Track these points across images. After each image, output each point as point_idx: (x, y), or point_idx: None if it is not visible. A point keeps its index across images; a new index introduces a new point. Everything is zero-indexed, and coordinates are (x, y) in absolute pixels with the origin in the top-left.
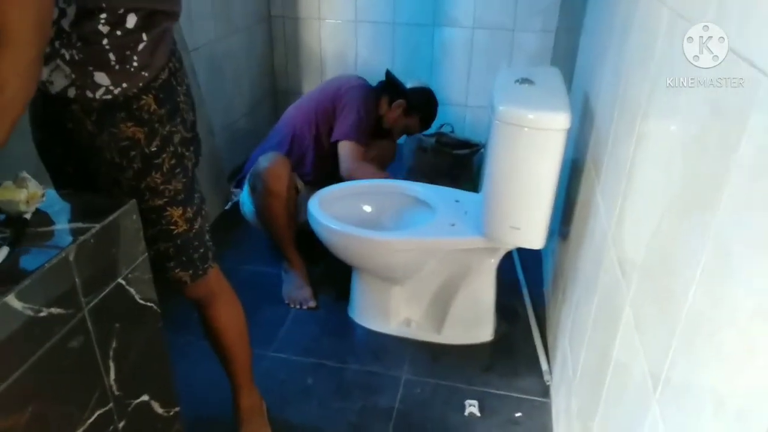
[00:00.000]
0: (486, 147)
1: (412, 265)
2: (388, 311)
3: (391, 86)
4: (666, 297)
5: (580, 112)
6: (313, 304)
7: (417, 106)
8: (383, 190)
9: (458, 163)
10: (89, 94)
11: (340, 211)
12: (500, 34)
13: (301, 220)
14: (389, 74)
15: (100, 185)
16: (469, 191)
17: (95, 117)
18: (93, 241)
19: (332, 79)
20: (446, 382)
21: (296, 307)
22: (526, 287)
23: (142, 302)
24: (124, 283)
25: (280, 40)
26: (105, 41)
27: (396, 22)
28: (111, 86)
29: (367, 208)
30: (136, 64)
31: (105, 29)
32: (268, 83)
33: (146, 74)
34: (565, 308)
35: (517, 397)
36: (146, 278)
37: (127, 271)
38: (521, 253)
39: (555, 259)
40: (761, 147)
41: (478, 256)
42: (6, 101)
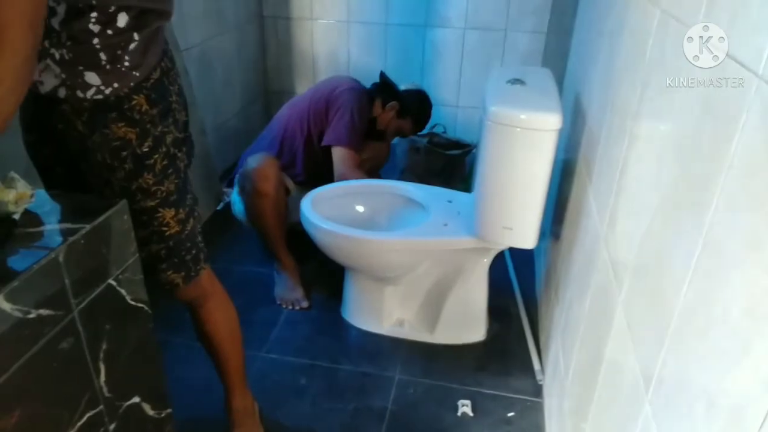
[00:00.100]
0: (478, 147)
1: (405, 266)
2: (381, 312)
3: (385, 88)
4: (658, 297)
5: (572, 112)
6: (305, 305)
7: (410, 108)
8: (376, 191)
9: (451, 164)
10: (80, 94)
11: (333, 211)
12: (492, 35)
13: (293, 221)
14: (383, 76)
15: (91, 186)
16: (461, 191)
17: (86, 117)
18: (83, 242)
19: (326, 79)
20: (439, 383)
21: (289, 308)
22: (519, 287)
23: (133, 303)
24: (115, 284)
25: (273, 41)
26: (95, 40)
27: (388, 23)
28: (102, 86)
29: (359, 209)
30: (127, 64)
31: (96, 28)
32: (260, 83)
33: (138, 74)
34: (558, 308)
35: (510, 396)
36: (137, 279)
37: (118, 272)
38: (513, 253)
39: (547, 259)
40: (752, 147)
41: (470, 256)
42: None
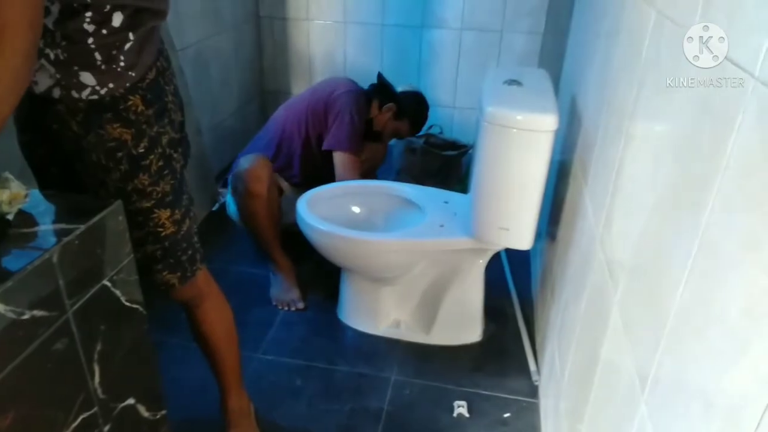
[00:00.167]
0: (474, 148)
1: (401, 266)
2: (377, 312)
3: (382, 89)
4: (654, 297)
5: (568, 113)
6: (301, 306)
7: (407, 109)
8: (372, 191)
9: (447, 165)
10: (75, 95)
11: (329, 212)
12: (488, 36)
13: (287, 221)
14: (381, 77)
15: (86, 186)
16: (457, 192)
17: (81, 118)
18: (77, 243)
19: (324, 81)
20: (435, 383)
21: (284, 309)
22: (515, 288)
23: (128, 304)
24: (110, 285)
25: (269, 41)
26: (90, 40)
27: (384, 24)
28: (97, 86)
29: (356, 209)
30: (122, 64)
31: (90, 28)
32: (257, 83)
33: (133, 74)
34: (554, 309)
35: (506, 397)
36: (132, 280)
37: (113, 272)
38: (509, 253)
39: (543, 259)
40: (748, 147)
41: (466, 257)
42: None
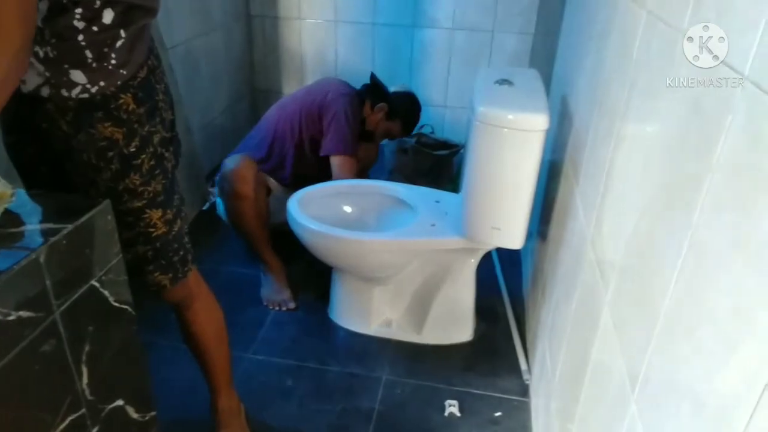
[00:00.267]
0: (466, 148)
1: (393, 266)
2: (369, 312)
3: (374, 89)
4: (644, 297)
5: (559, 113)
6: (292, 306)
7: (399, 110)
8: (364, 191)
9: (438, 164)
10: (65, 93)
11: (321, 211)
12: (479, 36)
13: (278, 221)
14: (373, 77)
15: (76, 186)
16: (449, 192)
17: (71, 117)
18: (65, 242)
19: (317, 82)
20: (426, 383)
21: (275, 309)
22: (506, 288)
23: (117, 305)
24: (98, 285)
25: (260, 39)
26: (81, 37)
27: (376, 23)
28: (88, 84)
29: (347, 209)
30: (114, 62)
31: (80, 25)
32: (247, 82)
33: (124, 72)
34: (545, 308)
35: (497, 396)
36: (121, 280)
37: (101, 272)
38: (500, 253)
39: (534, 259)
40: (738, 148)
41: (458, 257)
42: None
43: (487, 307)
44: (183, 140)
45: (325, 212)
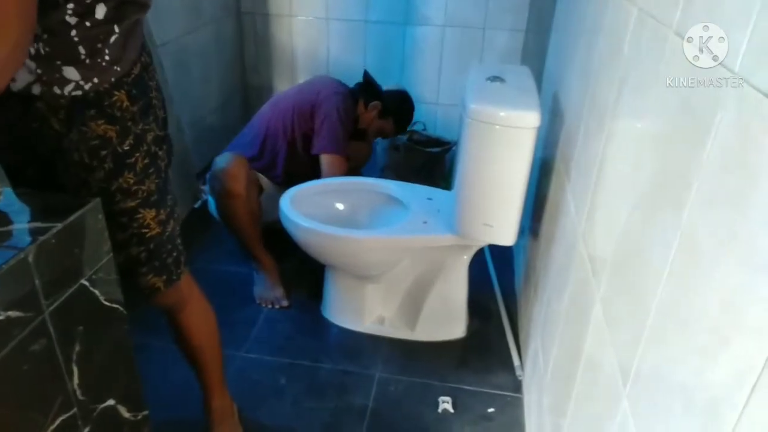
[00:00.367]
0: (458, 145)
1: (386, 263)
2: (362, 309)
3: (368, 87)
4: (636, 292)
5: (550, 110)
6: (285, 304)
7: (392, 108)
8: (356, 188)
9: (430, 161)
10: (57, 91)
11: (313, 209)
12: (471, 33)
13: (270, 219)
14: (367, 75)
15: (66, 187)
16: (441, 189)
17: (63, 115)
18: (54, 242)
19: (311, 80)
20: (420, 380)
21: (268, 307)
22: (498, 284)
23: (107, 304)
24: (88, 285)
25: (251, 36)
26: (73, 33)
27: (367, 20)
28: (81, 81)
29: (339, 206)
30: (107, 58)
31: (73, 20)
32: (238, 79)
33: (118, 69)
34: (537, 304)
35: (490, 392)
36: (111, 279)
37: (91, 272)
38: (493, 250)
39: (526, 255)
40: (727, 145)
41: (450, 253)
42: None
43: (480, 304)
44: (174, 138)
45: (318, 210)
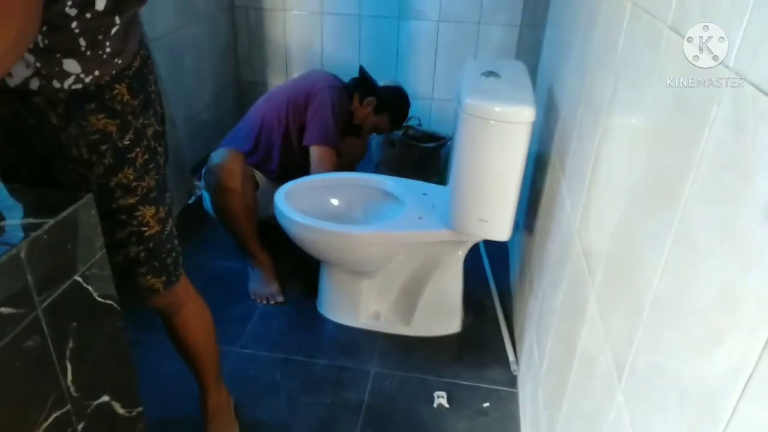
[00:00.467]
0: (453, 140)
1: (381, 259)
2: (357, 305)
3: (363, 83)
4: (630, 287)
5: (545, 105)
6: (280, 299)
7: (387, 104)
8: (351, 184)
9: (425, 156)
10: (56, 84)
11: (308, 204)
12: (465, 28)
13: (265, 215)
14: (362, 70)
15: (63, 185)
16: (436, 184)
17: (62, 109)
18: (47, 237)
19: (306, 74)
20: (415, 375)
21: (263, 303)
22: (493, 279)
23: (101, 300)
24: (81, 281)
25: (244, 31)
26: (74, 24)
27: (362, 15)
28: (82, 74)
29: (334, 202)
30: (108, 50)
31: (73, 12)
32: (232, 74)
33: (119, 61)
34: (532, 299)
35: (485, 387)
36: (105, 275)
37: (85, 267)
38: (488, 245)
39: (521, 250)
40: (722, 140)
41: (445, 249)
42: None
43: (475, 299)
44: (169, 134)
45: (313, 205)
